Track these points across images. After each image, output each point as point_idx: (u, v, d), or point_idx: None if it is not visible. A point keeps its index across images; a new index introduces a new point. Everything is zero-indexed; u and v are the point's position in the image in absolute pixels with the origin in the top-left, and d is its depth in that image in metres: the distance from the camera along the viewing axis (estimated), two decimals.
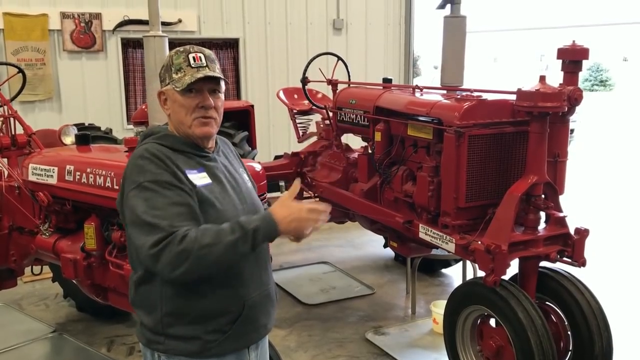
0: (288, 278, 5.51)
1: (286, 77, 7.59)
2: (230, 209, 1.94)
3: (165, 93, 1.97)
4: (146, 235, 1.76)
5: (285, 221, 1.80)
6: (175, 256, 1.72)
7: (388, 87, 4.53)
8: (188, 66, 1.92)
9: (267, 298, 2.07)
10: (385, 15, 8.32)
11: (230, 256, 1.77)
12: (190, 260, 1.72)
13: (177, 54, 1.95)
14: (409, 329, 4.56)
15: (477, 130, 3.40)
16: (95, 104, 6.95)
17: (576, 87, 3.14)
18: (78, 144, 3.90)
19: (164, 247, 1.73)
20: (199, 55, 1.94)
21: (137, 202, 1.80)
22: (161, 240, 1.73)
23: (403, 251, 4.49)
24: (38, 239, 3.74)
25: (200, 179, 1.91)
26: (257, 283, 2.01)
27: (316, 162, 5.32)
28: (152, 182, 1.81)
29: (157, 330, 1.93)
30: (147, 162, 1.85)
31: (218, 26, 7.43)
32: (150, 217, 1.76)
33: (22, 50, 6.58)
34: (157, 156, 1.87)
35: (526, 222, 3.32)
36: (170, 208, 1.78)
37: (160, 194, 1.80)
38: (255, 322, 2.01)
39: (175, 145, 1.94)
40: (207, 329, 1.90)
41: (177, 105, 1.94)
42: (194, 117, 1.93)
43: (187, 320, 1.90)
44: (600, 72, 39.96)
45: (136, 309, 2.01)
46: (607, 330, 3.21)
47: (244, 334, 1.97)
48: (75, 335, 4.47)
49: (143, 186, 1.81)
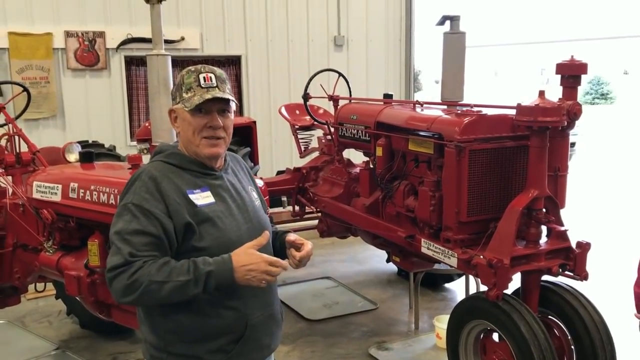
0: (291, 293, 5.51)
1: (288, 94, 7.63)
2: (233, 228, 1.95)
3: (175, 111, 2.00)
4: (111, 256, 1.83)
5: (242, 269, 1.81)
6: (124, 286, 1.78)
7: (389, 103, 4.57)
8: (198, 86, 1.94)
9: (271, 318, 2.07)
10: (385, 32, 8.39)
11: (179, 296, 1.81)
12: (138, 293, 1.78)
13: (189, 73, 1.97)
14: (413, 344, 4.55)
15: (477, 145, 3.43)
16: (99, 122, 7.00)
17: (575, 102, 3.16)
18: (82, 162, 3.93)
19: (118, 274, 1.79)
20: (209, 76, 1.96)
21: (117, 220, 1.88)
22: (118, 267, 1.79)
23: (406, 266, 4.50)
24: (42, 256, 3.76)
25: (202, 199, 1.93)
26: (261, 303, 2.02)
27: (318, 177, 5.34)
28: (135, 205, 1.86)
29: (159, 347, 1.94)
30: (141, 184, 1.90)
31: (220, 44, 7.50)
32: (118, 240, 1.83)
33: (26, 68, 6.64)
34: (155, 179, 1.90)
35: (528, 236, 3.33)
36: (139, 237, 1.82)
37: (137, 219, 1.84)
38: (258, 342, 2.00)
39: (181, 163, 1.97)
40: (209, 348, 1.91)
41: (186, 124, 1.96)
42: (202, 136, 1.95)
43: (188, 339, 1.91)
44: (601, 86, 40.02)
45: (141, 325, 2.02)
46: (611, 343, 3.20)
47: (246, 354, 1.97)
48: (79, 352, 4.47)
49: (127, 207, 1.87)
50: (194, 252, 1.88)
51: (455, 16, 4.87)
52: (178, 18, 7.24)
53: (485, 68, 53.51)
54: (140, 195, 1.87)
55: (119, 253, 1.81)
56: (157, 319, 1.93)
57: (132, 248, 1.80)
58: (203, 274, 1.79)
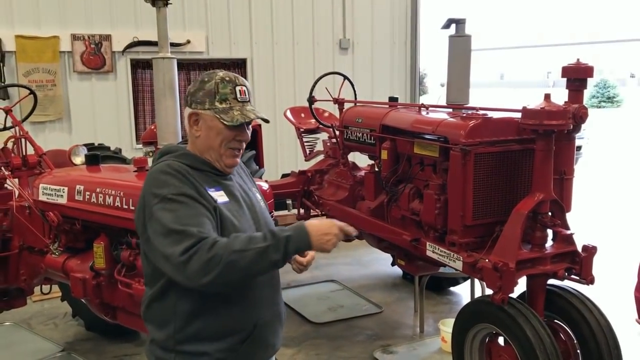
0: (296, 297, 5.50)
1: (293, 97, 7.65)
2: (246, 227, 1.97)
3: (199, 115, 1.97)
4: (176, 244, 1.76)
5: (318, 234, 1.82)
6: (205, 262, 1.72)
7: (394, 106, 4.56)
8: (234, 99, 1.95)
9: (277, 318, 2.09)
10: (391, 35, 8.39)
11: (261, 264, 1.77)
12: (220, 267, 1.72)
13: (224, 83, 1.97)
14: (418, 348, 4.54)
15: (483, 148, 3.42)
16: (105, 124, 7.03)
17: (581, 105, 3.16)
18: (88, 164, 3.94)
19: (194, 253, 1.73)
20: (244, 90, 1.99)
21: (164, 214, 1.81)
22: (191, 247, 1.73)
23: (411, 269, 4.48)
24: (48, 258, 3.77)
25: (219, 197, 1.94)
26: (269, 303, 2.04)
27: (323, 180, 5.34)
28: (177, 195, 1.84)
29: (167, 346, 1.94)
30: (169, 176, 1.88)
31: (226, 47, 7.52)
32: (179, 225, 1.77)
33: (33, 71, 6.68)
34: (179, 171, 1.90)
35: (533, 239, 3.32)
36: (197, 218, 1.81)
37: (186, 205, 1.82)
38: (265, 341, 2.03)
39: (193, 163, 1.98)
40: (218, 347, 1.92)
41: (214, 133, 1.96)
42: (229, 147, 1.98)
43: (199, 338, 1.92)
44: (607, 89, 39.89)
45: (148, 325, 2.02)
46: (617, 348, 3.18)
47: (253, 353, 1.99)
48: (84, 354, 4.48)
49: (168, 198, 1.83)
50: None
51: (460, 19, 4.88)
52: (184, 21, 7.27)
53: (491, 71, 53.43)
54: (174, 185, 1.86)
55: (187, 234, 1.75)
56: (168, 317, 1.93)
57: (197, 227, 1.78)
58: (282, 238, 1.78)
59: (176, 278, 1.80)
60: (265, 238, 1.78)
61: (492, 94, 32.65)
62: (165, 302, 1.94)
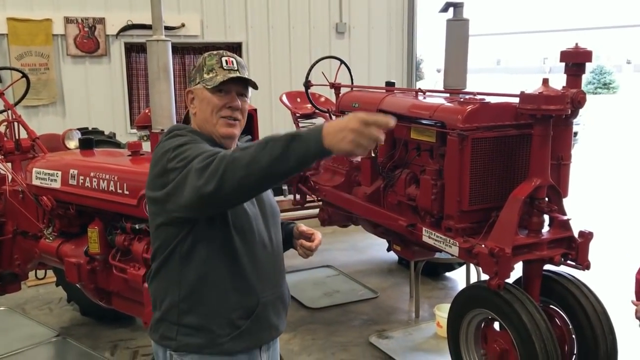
0: (292, 282, 5.47)
1: (289, 81, 7.59)
2: (250, 207, 1.97)
3: (193, 92, 2.01)
4: (195, 161, 1.69)
5: (332, 131, 1.53)
6: (217, 162, 1.63)
7: (391, 91, 4.53)
8: (220, 67, 1.97)
9: (280, 299, 2.11)
10: (388, 19, 8.33)
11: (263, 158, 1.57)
12: (222, 168, 1.61)
13: (211, 56, 2.00)
14: (413, 333, 4.55)
15: (480, 133, 3.40)
16: (99, 109, 6.97)
17: (579, 90, 3.14)
18: (81, 148, 3.91)
19: (213, 159, 1.65)
20: (231, 60, 2.00)
21: (178, 152, 1.77)
22: (208, 157, 1.67)
23: (406, 255, 4.48)
24: (42, 243, 3.75)
25: None
26: (273, 283, 2.05)
27: (319, 166, 5.32)
28: (189, 141, 1.83)
29: (171, 319, 1.93)
30: (180, 137, 1.88)
31: (221, 30, 7.45)
32: (196, 152, 1.74)
33: (26, 55, 6.60)
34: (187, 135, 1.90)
35: (530, 225, 3.31)
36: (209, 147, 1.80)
37: (199, 143, 1.83)
38: (267, 321, 2.03)
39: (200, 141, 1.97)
40: (220, 321, 1.92)
41: (205, 104, 1.97)
42: (220, 115, 1.97)
43: (201, 310, 1.91)
44: (603, 75, 39.86)
45: (153, 298, 2.01)
46: (612, 333, 3.20)
47: (255, 332, 1.99)
48: (79, 339, 4.48)
49: (180, 145, 1.81)
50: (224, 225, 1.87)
51: (458, 3, 4.83)
52: (178, 4, 7.19)
53: (487, 57, 53.25)
54: (184, 137, 1.87)
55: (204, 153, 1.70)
56: (174, 287, 1.93)
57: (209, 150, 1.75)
58: (288, 134, 1.59)
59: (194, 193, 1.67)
60: (274, 139, 1.60)
61: (488, 79, 32.61)
62: (171, 272, 1.93)
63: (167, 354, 1.96)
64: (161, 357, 2.00)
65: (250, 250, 1.95)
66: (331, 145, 1.53)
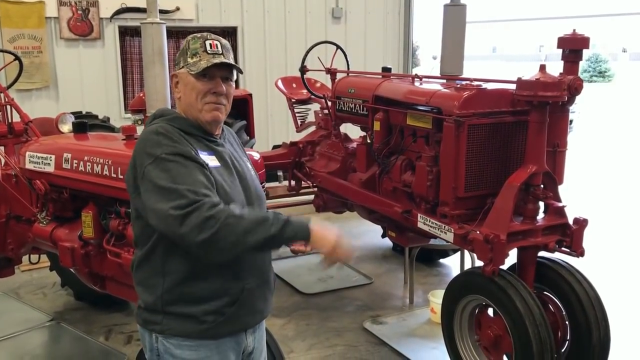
0: (286, 268, 5.51)
1: (285, 66, 7.54)
2: (236, 193, 1.96)
3: (178, 76, 1.99)
4: (169, 201, 1.75)
5: (319, 229, 1.83)
6: (203, 220, 1.71)
7: (387, 76, 4.51)
8: (204, 52, 1.94)
9: (265, 284, 2.09)
10: (384, 4, 8.27)
11: (256, 235, 1.74)
12: (217, 226, 1.72)
13: (195, 39, 1.98)
14: (407, 319, 4.57)
15: (476, 120, 3.39)
16: (93, 92, 6.91)
17: (576, 77, 3.12)
18: (75, 132, 3.87)
19: (193, 210, 1.72)
20: (215, 43, 1.97)
21: (157, 173, 1.80)
22: (186, 206, 1.73)
23: (401, 241, 4.49)
24: (35, 228, 3.73)
25: (211, 161, 1.93)
26: (258, 269, 2.04)
27: (315, 152, 5.30)
28: (171, 154, 1.82)
29: (155, 308, 1.94)
30: (162, 137, 1.87)
31: (216, 14, 7.37)
32: (173, 184, 1.77)
33: (18, 37, 6.52)
34: (172, 133, 1.89)
35: (525, 212, 3.32)
36: (192, 176, 1.79)
37: (180, 164, 1.81)
38: (252, 306, 2.03)
39: (185, 127, 1.96)
40: (206, 309, 1.92)
41: (189, 89, 1.96)
42: (205, 101, 1.95)
43: (186, 299, 1.91)
44: (599, 63, 39.84)
45: (137, 287, 2.02)
46: (605, 319, 3.21)
47: (240, 317, 1.99)
48: (73, 324, 4.47)
49: (162, 158, 1.82)
50: None
51: None
52: None
53: (483, 44, 53.12)
54: (168, 145, 1.85)
55: (181, 194, 1.74)
56: (157, 278, 1.93)
57: (193, 187, 1.76)
58: (283, 218, 1.79)
59: (172, 234, 1.77)
60: (266, 213, 1.80)
61: (484, 67, 32.54)
62: (154, 263, 1.94)
63: (153, 336, 1.97)
64: (147, 340, 2.01)
65: None
66: (313, 240, 1.82)
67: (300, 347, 4.16)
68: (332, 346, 4.16)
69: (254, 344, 2.12)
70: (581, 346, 3.22)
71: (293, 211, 6.15)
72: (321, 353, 4.08)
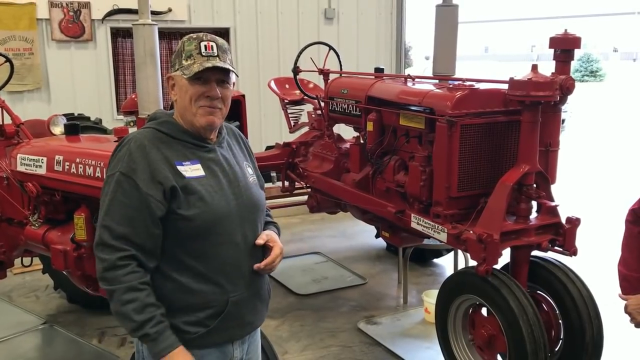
0: (280, 269, 5.42)
1: (277, 67, 7.53)
2: (221, 203, 1.92)
3: (173, 78, 1.95)
4: (100, 228, 1.88)
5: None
6: (101, 275, 1.85)
7: (380, 77, 4.51)
8: (199, 54, 1.90)
9: (256, 295, 2.05)
10: (377, 5, 8.27)
11: (121, 320, 1.85)
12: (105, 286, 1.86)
13: (190, 40, 1.93)
14: (401, 319, 4.57)
15: (469, 120, 3.40)
16: (85, 94, 6.88)
17: (568, 76, 3.14)
18: (67, 134, 3.86)
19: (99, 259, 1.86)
20: (211, 44, 1.91)
21: (105, 196, 1.89)
22: (101, 249, 1.86)
23: (395, 241, 4.49)
24: (27, 230, 3.71)
25: (192, 171, 1.90)
26: (246, 281, 1.99)
27: (308, 153, 5.30)
28: (124, 175, 1.85)
29: None
30: (128, 153, 1.87)
31: (208, 15, 7.35)
32: (108, 221, 1.86)
33: (9, 39, 6.48)
34: (144, 149, 1.87)
35: (518, 211, 3.33)
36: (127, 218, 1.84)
37: (125, 194, 1.84)
38: (240, 319, 1.99)
39: (173, 132, 1.93)
40: (187, 320, 1.90)
41: (183, 92, 1.92)
42: (199, 105, 1.91)
43: (169, 308, 1.89)
44: (590, 63, 40.02)
45: None
46: (598, 318, 3.23)
47: (227, 329, 1.96)
48: (66, 326, 4.45)
49: (115, 176, 1.86)
50: (180, 220, 1.86)
51: None
52: None
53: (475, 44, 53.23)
54: (128, 164, 1.85)
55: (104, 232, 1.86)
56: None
57: (115, 229, 1.84)
58: (151, 331, 1.81)
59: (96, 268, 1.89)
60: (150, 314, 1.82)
61: (477, 67, 32.63)
62: None
63: (140, 342, 1.96)
64: (135, 341, 2.00)
65: (215, 252, 1.91)
66: None
67: (295, 348, 4.16)
68: (327, 347, 4.16)
69: (242, 354, 2.07)
70: (574, 345, 3.23)
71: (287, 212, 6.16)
72: (315, 354, 4.08)
